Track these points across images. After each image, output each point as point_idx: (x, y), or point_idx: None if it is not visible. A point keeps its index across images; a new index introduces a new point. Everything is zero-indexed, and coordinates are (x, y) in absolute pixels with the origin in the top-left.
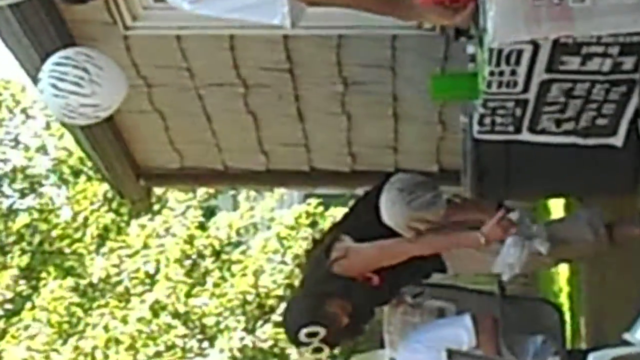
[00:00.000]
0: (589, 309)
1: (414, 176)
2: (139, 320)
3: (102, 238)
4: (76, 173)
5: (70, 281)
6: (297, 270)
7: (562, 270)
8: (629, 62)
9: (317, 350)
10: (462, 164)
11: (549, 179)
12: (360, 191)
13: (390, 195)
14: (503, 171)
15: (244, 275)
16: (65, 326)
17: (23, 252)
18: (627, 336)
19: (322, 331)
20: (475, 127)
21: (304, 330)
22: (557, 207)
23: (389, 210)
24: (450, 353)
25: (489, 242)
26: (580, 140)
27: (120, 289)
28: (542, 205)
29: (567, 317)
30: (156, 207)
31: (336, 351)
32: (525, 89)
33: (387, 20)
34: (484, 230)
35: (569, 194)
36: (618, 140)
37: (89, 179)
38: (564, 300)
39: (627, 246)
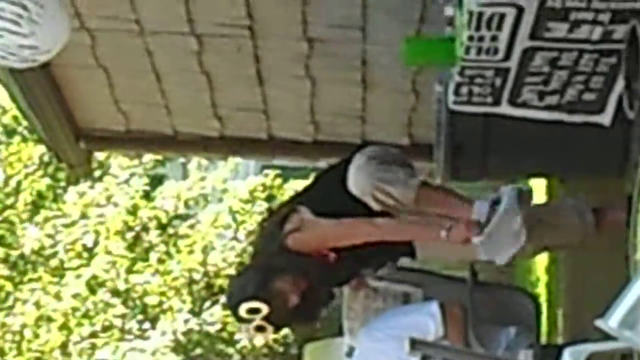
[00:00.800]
0: (568, 301)
1: (390, 150)
2: (74, 296)
3: (36, 205)
4: (9, 132)
5: None
6: (250, 248)
7: (541, 259)
8: (620, 31)
9: (260, 328)
10: (435, 137)
11: (530, 158)
12: (322, 163)
13: (360, 162)
14: (480, 147)
15: (192, 251)
16: None
17: None
18: (599, 323)
19: (264, 308)
20: (451, 97)
21: (244, 305)
22: (538, 189)
23: (356, 176)
24: (414, 342)
25: (452, 242)
26: (565, 117)
27: (54, 262)
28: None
29: (544, 308)
30: (97, 173)
31: (291, 339)
32: (507, 57)
33: None
34: (451, 230)
35: (551, 175)
36: (605, 119)
37: (24, 139)
38: (541, 290)
39: (612, 234)
